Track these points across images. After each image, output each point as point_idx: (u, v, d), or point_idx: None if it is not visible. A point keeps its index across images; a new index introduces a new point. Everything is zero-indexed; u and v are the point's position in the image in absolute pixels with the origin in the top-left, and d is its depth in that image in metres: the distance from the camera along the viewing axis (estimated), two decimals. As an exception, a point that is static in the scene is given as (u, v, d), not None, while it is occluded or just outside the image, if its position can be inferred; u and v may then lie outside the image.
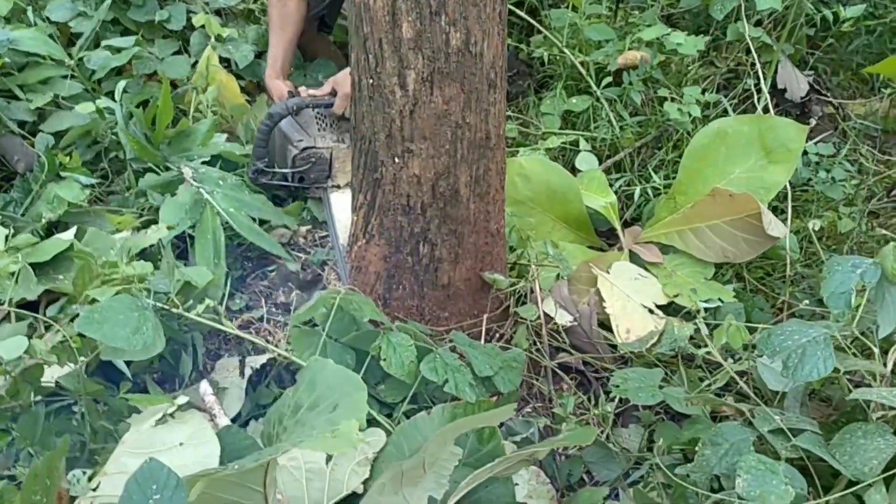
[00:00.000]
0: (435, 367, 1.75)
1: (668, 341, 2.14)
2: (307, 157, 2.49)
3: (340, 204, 2.49)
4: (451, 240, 1.96)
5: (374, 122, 1.82)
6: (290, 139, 2.52)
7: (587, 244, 2.64)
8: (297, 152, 2.48)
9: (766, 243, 2.35)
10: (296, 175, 2.52)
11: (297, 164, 2.50)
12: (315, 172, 2.53)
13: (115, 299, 1.52)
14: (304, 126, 2.54)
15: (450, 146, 1.83)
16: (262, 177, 2.54)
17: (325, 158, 2.52)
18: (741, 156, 2.46)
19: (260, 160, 2.52)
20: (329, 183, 2.56)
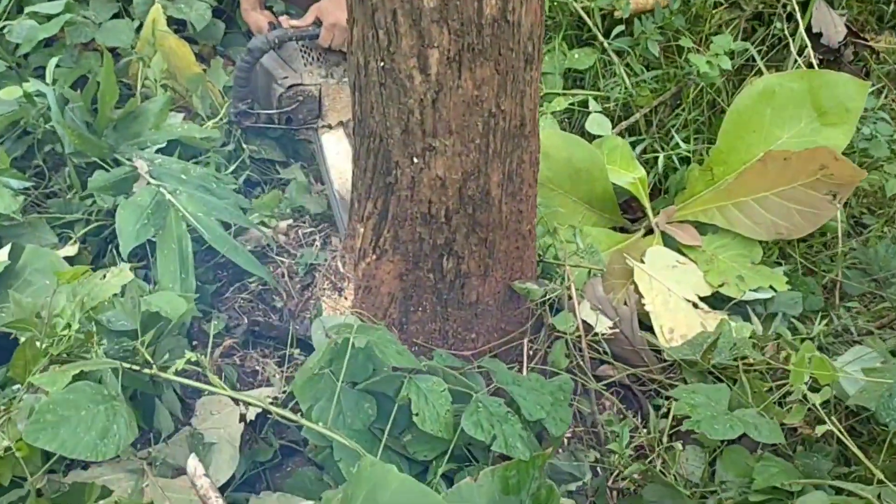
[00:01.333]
0: (479, 420, 1.42)
1: (726, 347, 1.84)
2: (294, 95, 2.25)
3: (333, 146, 2.28)
4: (480, 250, 1.60)
5: (386, 114, 1.44)
6: (273, 76, 2.25)
7: (610, 225, 2.31)
8: (282, 91, 2.23)
9: (824, 215, 2.05)
10: (283, 116, 2.28)
11: (283, 104, 2.25)
12: (304, 112, 2.28)
13: (73, 390, 1.14)
14: (289, 61, 2.29)
15: (481, 140, 1.46)
16: (245, 119, 2.31)
17: (314, 96, 2.26)
18: (790, 118, 2.13)
19: (242, 101, 2.28)
20: (319, 123, 2.31)
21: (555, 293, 1.81)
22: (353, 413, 1.47)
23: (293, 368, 1.85)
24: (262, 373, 1.85)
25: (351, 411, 1.48)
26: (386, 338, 1.45)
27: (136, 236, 1.78)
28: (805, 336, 2.00)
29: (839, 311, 2.13)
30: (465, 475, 1.45)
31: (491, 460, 1.50)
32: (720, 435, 1.54)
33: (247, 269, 1.94)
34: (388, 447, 1.48)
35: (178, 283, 1.84)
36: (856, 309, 2.15)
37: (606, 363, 1.90)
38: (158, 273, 1.84)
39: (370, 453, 1.45)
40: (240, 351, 1.89)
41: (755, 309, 2.08)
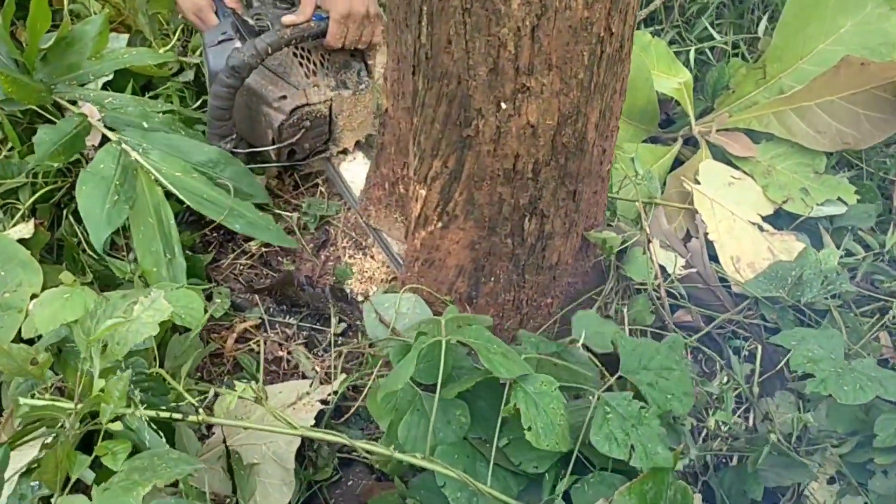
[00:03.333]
0: (611, 432, 1.15)
1: (816, 279, 1.63)
2: (299, 121, 1.64)
3: (356, 175, 1.72)
4: (567, 205, 1.30)
5: (469, 50, 1.08)
6: (265, 99, 1.62)
7: (644, 137, 2.02)
8: (283, 118, 1.61)
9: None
10: (284, 150, 1.67)
11: (285, 135, 1.64)
12: (311, 139, 1.69)
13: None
14: (283, 73, 1.65)
15: (584, 73, 1.13)
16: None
17: (324, 115, 1.67)
18: (855, 4, 1.84)
19: (224, 139, 1.65)
20: (332, 150, 1.75)
21: (633, 238, 1.54)
22: (443, 425, 1.19)
23: (322, 351, 1.55)
24: (287, 360, 1.53)
25: (440, 422, 1.19)
26: (484, 335, 1.15)
27: (108, 221, 1.39)
28: (878, 252, 1.82)
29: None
30: (585, 487, 1.20)
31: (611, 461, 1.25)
32: (850, 399, 1.34)
33: (254, 236, 1.58)
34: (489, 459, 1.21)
35: (165, 266, 1.48)
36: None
37: (682, 307, 1.66)
38: (138, 255, 1.47)
39: (472, 469, 1.18)
40: (255, 334, 1.56)
41: (823, 224, 1.86)
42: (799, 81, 1.89)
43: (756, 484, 1.43)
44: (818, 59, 1.88)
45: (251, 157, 1.69)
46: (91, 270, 1.55)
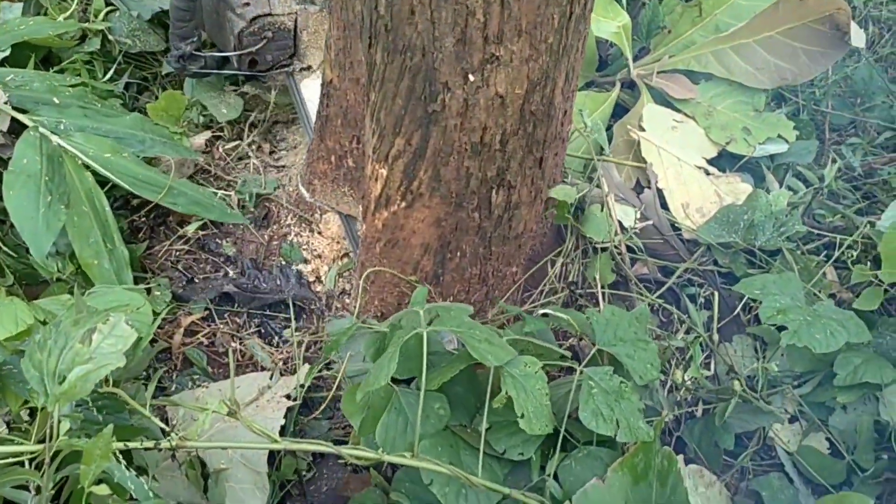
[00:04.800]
0: (596, 408, 1.13)
1: (767, 223, 1.63)
2: (260, 30, 1.63)
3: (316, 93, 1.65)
4: (533, 173, 1.24)
5: (434, 21, 0.99)
6: (230, 5, 1.62)
7: (583, 83, 1.97)
8: (244, 25, 1.61)
9: (834, 55, 1.82)
10: (245, 58, 1.66)
11: (245, 42, 1.64)
12: (274, 51, 1.68)
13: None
14: None
15: (554, 37, 1.06)
16: (191, 64, 1.67)
17: (288, 29, 1.66)
18: (791, -67, 1.81)
19: (185, 40, 1.63)
20: (296, 65, 1.72)
21: (586, 191, 1.50)
22: (422, 420, 1.13)
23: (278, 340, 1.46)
24: (241, 351, 1.43)
25: (424, 421, 1.14)
26: (466, 322, 1.10)
27: (47, 226, 1.26)
28: (818, 187, 1.84)
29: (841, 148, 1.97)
30: (573, 464, 1.18)
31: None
32: (825, 347, 1.35)
33: (198, 215, 1.46)
34: (473, 446, 1.17)
35: (106, 257, 1.35)
36: (852, 142, 1.99)
37: (639, 260, 1.64)
38: (76, 248, 1.34)
39: (457, 460, 1.14)
40: (204, 326, 1.45)
41: (764, 163, 1.87)
42: (735, 17, 1.87)
43: (726, 434, 1.45)
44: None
45: (215, 62, 1.69)
46: (11, 271, 1.41)
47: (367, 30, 1.07)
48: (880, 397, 1.42)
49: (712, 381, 1.54)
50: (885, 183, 1.86)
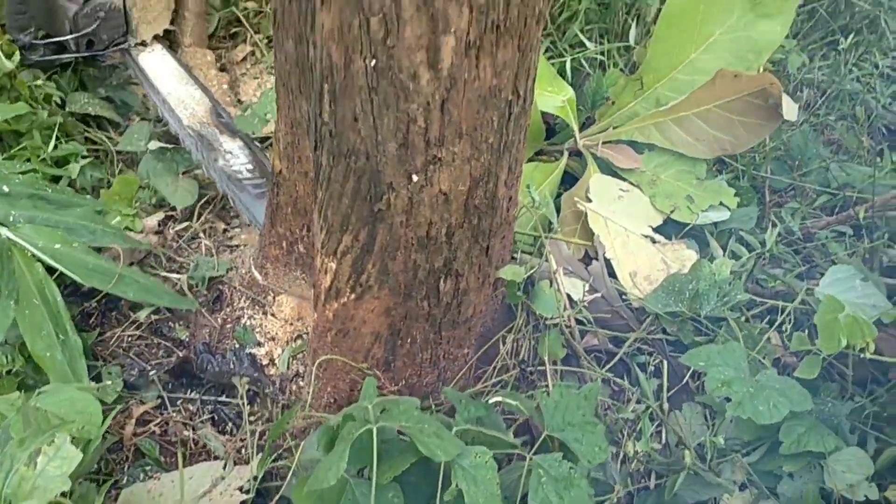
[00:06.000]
0: (546, 497, 1.15)
1: (711, 292, 1.68)
2: (93, 12, 1.78)
3: (159, 69, 1.87)
4: (480, 260, 1.27)
5: (377, 127, 1.02)
6: None
7: (530, 154, 2.02)
8: (76, 8, 1.75)
9: (769, 126, 1.89)
10: (82, 40, 1.80)
11: (80, 25, 1.78)
12: (108, 30, 1.83)
13: None
14: None
15: (494, 137, 1.10)
16: (31, 53, 1.77)
17: (118, 8, 1.81)
18: (722, 12, 1.90)
19: (23, 31, 1.74)
20: (130, 41, 1.88)
21: (535, 269, 1.53)
22: (384, 515, 1.14)
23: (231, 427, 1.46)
24: (194, 441, 1.43)
25: (381, 515, 1.14)
26: (415, 416, 1.11)
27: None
28: (760, 252, 1.90)
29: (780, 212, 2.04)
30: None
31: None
32: (767, 419, 1.39)
33: (150, 302, 1.46)
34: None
35: (59, 349, 1.35)
36: (790, 207, 2.06)
37: (589, 332, 1.67)
38: (27, 341, 1.33)
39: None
40: (156, 415, 1.45)
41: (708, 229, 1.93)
42: (674, 91, 1.94)
43: (677, 507, 1.47)
44: (691, 68, 1.93)
45: (52, 49, 1.79)
46: (-48, 367, 1.39)
47: (313, 133, 1.10)
48: (824, 465, 1.46)
49: (663, 451, 1.57)
50: (823, 246, 1.92)
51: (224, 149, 1.75)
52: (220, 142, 1.76)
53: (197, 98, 1.84)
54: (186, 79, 1.89)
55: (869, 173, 2.02)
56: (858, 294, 1.67)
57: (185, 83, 1.87)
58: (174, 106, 1.80)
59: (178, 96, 1.83)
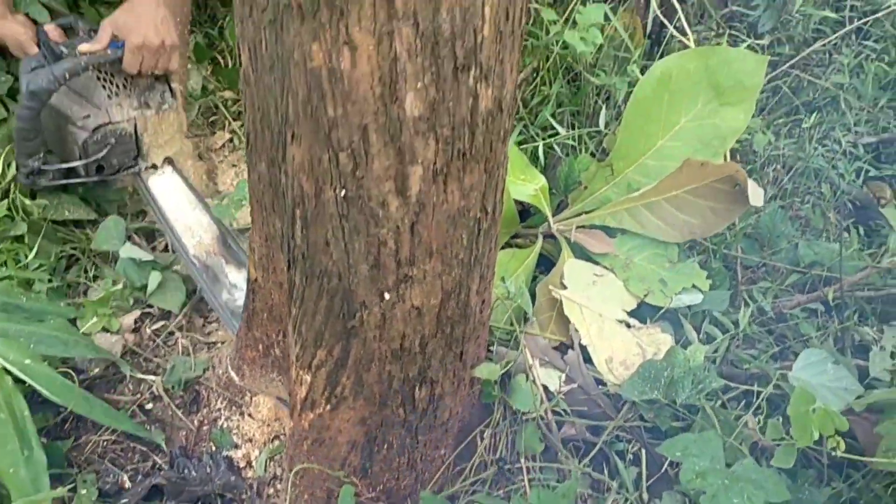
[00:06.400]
0: None
1: (686, 379, 1.70)
2: (103, 138, 1.77)
3: (167, 193, 1.87)
4: (455, 365, 1.28)
5: (349, 251, 1.04)
6: (70, 119, 1.74)
7: (504, 241, 2.05)
8: (86, 136, 1.75)
9: (737, 210, 1.93)
10: (91, 165, 1.79)
11: (90, 152, 1.77)
12: (118, 155, 1.82)
13: None
14: (87, 95, 1.79)
15: (465, 253, 1.12)
16: (41, 179, 1.76)
17: (129, 133, 1.81)
18: (688, 100, 1.95)
19: (31, 157, 1.72)
20: (141, 165, 1.87)
21: (510, 364, 1.55)
22: None
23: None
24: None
25: None
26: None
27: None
28: (734, 333, 1.92)
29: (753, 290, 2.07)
30: None
31: None
32: (754, 513, 1.40)
33: (115, 426, 1.46)
34: None
35: (22, 465, 1.33)
36: (762, 286, 2.10)
37: (566, 422, 1.68)
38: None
39: None
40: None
41: (682, 312, 1.95)
42: (644, 176, 1.98)
43: None
44: (659, 154, 1.97)
45: (62, 173, 1.79)
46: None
47: (286, 253, 1.12)
48: (803, 555, 1.47)
49: (644, 546, 1.57)
50: (795, 326, 1.95)
51: (229, 281, 1.74)
52: (225, 273, 1.76)
53: (205, 225, 1.84)
54: (195, 203, 1.88)
55: (836, 250, 2.06)
56: (831, 378, 1.70)
57: (193, 208, 1.87)
58: (181, 234, 1.80)
59: (185, 223, 1.83)
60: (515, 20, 0.94)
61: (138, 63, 1.72)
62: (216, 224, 1.84)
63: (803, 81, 2.54)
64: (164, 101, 1.84)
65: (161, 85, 1.84)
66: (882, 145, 2.48)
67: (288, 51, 0.89)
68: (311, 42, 0.86)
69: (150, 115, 1.82)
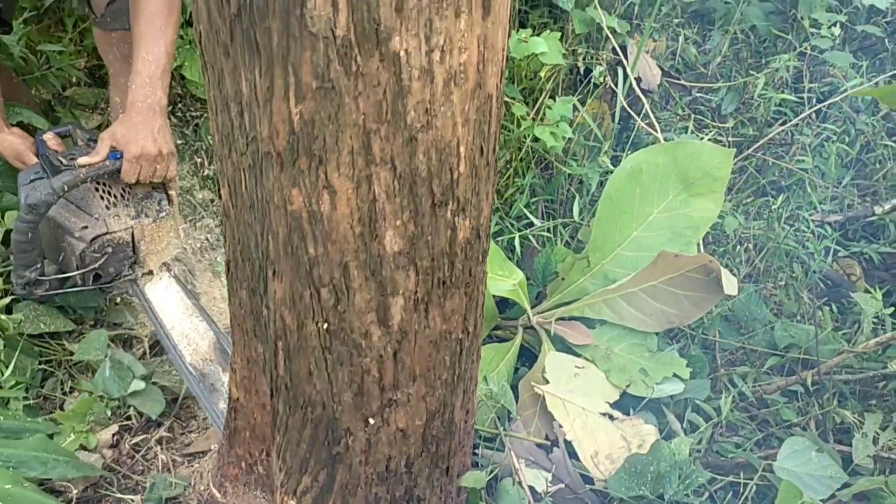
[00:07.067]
0: None
1: (672, 474, 1.69)
2: (101, 248, 1.77)
3: (164, 300, 1.85)
4: (441, 481, 1.27)
5: (332, 381, 1.04)
6: (68, 230, 1.75)
7: (485, 335, 2.06)
8: (84, 246, 1.74)
9: (713, 299, 1.95)
10: (89, 275, 1.78)
11: (88, 261, 1.76)
12: (115, 263, 1.81)
13: None
14: (85, 205, 1.79)
15: (448, 373, 1.13)
16: (37, 289, 1.76)
17: (126, 242, 1.81)
18: (658, 193, 2.00)
19: (29, 268, 1.72)
20: (137, 272, 1.86)
21: (496, 469, 1.53)
22: None
23: None
24: None
25: None
26: None
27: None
28: (717, 420, 1.93)
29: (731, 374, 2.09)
30: None
31: None
32: None
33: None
34: None
35: None
36: (741, 370, 2.11)
37: (554, 524, 1.67)
38: None
39: None
40: None
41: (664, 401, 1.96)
42: (620, 267, 2.01)
43: None
44: (634, 245, 2.01)
45: (58, 283, 1.79)
46: None
47: (269, 382, 1.12)
48: None
49: None
50: (776, 413, 1.96)
51: (226, 390, 1.72)
52: (222, 381, 1.74)
53: (201, 331, 1.83)
54: (192, 309, 1.88)
55: (812, 332, 2.09)
56: (815, 467, 1.70)
57: (189, 314, 1.86)
58: (177, 341, 1.78)
59: (181, 330, 1.82)
60: (489, 153, 0.97)
61: (136, 172, 1.73)
62: (212, 330, 1.82)
63: (768, 162, 2.61)
64: (162, 209, 1.85)
65: (158, 193, 1.85)
66: (848, 223, 2.54)
67: (268, 194, 0.91)
68: (290, 187, 0.88)
69: (148, 223, 1.83)
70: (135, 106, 1.71)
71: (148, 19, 1.73)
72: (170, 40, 1.75)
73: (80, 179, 1.68)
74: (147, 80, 1.72)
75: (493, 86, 0.92)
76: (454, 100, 0.86)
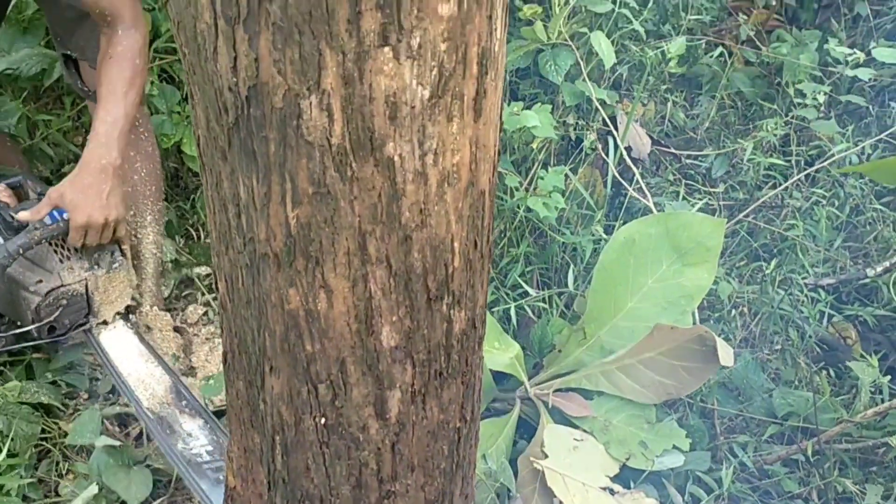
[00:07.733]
0: None
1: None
2: (56, 300, 1.80)
3: (120, 348, 1.86)
4: (440, 568, 1.25)
5: (330, 475, 1.04)
6: (23, 285, 1.79)
7: (483, 406, 2.05)
8: (39, 300, 1.78)
9: (710, 370, 1.96)
10: (44, 328, 1.81)
11: (43, 315, 1.79)
12: (70, 315, 1.84)
13: None
14: (39, 261, 1.82)
15: (446, 462, 1.12)
16: None
17: (81, 293, 1.84)
18: (652, 263, 2.01)
19: None
20: (92, 322, 1.88)
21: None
22: None
23: None
24: None
25: None
26: None
27: None
28: (719, 493, 1.91)
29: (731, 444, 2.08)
30: None
31: None
32: None
33: None
34: None
35: None
36: (741, 440, 2.10)
37: None
38: None
39: None
40: None
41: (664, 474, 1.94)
42: (617, 337, 2.01)
43: None
44: (630, 315, 2.01)
45: (14, 338, 1.85)
46: None
47: (266, 475, 1.11)
48: None
49: None
50: (778, 483, 1.95)
51: (184, 430, 1.73)
52: (179, 423, 1.75)
53: (157, 376, 1.84)
54: (147, 356, 1.90)
55: (810, 399, 2.08)
56: (819, 540, 1.68)
57: (145, 361, 1.88)
58: (134, 387, 1.78)
59: (137, 376, 1.82)
60: (483, 245, 0.98)
61: (82, 239, 1.77)
62: (168, 375, 1.83)
63: (759, 226, 2.64)
64: (115, 260, 1.89)
65: (111, 245, 1.89)
66: (841, 286, 2.55)
67: (265, 293, 0.92)
68: (287, 287, 0.89)
69: (101, 274, 1.86)
70: (88, 166, 1.73)
71: (110, 82, 1.76)
72: (131, 103, 1.78)
73: (34, 241, 1.74)
74: (104, 140, 1.74)
75: (486, 181, 0.94)
76: (448, 199, 0.88)
